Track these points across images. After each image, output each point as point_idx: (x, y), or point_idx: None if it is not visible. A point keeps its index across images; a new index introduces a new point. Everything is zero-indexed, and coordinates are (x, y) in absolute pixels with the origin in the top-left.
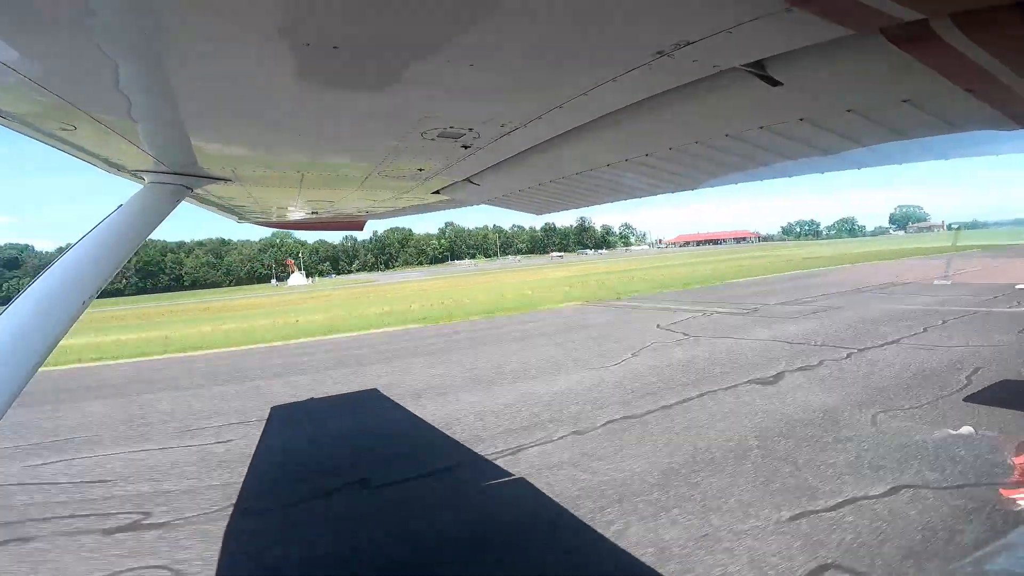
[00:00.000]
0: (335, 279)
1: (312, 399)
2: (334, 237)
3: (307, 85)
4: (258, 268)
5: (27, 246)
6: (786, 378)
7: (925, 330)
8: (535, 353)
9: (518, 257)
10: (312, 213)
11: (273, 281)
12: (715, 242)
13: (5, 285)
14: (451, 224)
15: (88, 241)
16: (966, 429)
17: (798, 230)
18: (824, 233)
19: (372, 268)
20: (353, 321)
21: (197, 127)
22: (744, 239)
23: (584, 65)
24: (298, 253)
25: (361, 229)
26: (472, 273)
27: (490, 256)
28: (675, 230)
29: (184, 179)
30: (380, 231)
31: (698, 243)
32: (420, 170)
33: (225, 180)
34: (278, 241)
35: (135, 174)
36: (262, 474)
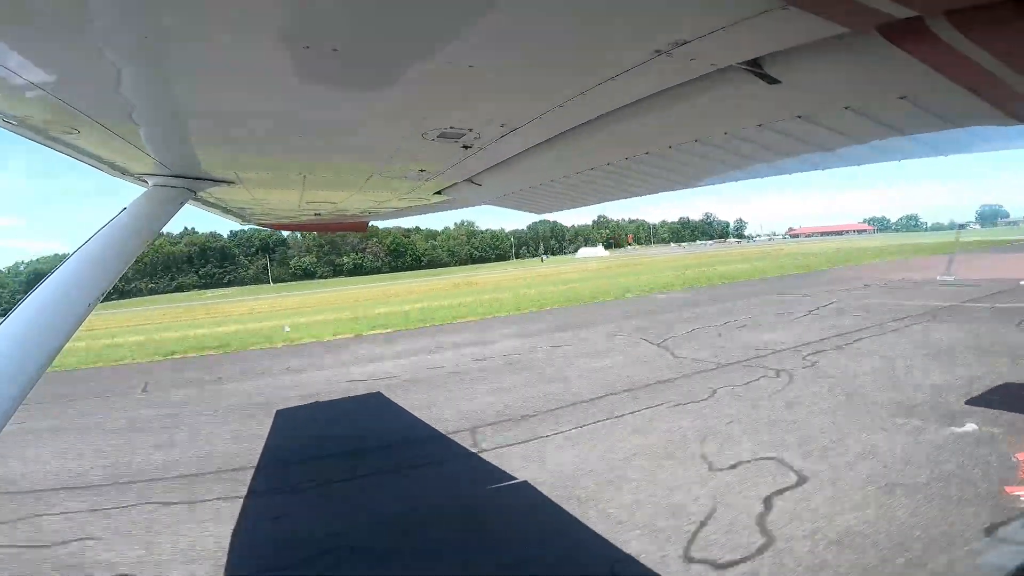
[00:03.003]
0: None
1: None
2: (518, 225)
3: (307, 88)
4: (470, 251)
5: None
6: None
7: None
8: None
9: (708, 242)
10: (315, 215)
11: (542, 257)
12: (837, 233)
13: None
14: (602, 216)
15: (93, 244)
16: (970, 426)
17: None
18: (892, 227)
19: (555, 252)
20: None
21: (199, 131)
22: (863, 231)
23: (583, 65)
24: (502, 240)
25: (364, 230)
26: (705, 251)
27: (641, 244)
28: (764, 224)
29: (188, 182)
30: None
31: (821, 234)
32: (422, 171)
33: (228, 183)
34: (480, 231)
35: (139, 177)
36: None
